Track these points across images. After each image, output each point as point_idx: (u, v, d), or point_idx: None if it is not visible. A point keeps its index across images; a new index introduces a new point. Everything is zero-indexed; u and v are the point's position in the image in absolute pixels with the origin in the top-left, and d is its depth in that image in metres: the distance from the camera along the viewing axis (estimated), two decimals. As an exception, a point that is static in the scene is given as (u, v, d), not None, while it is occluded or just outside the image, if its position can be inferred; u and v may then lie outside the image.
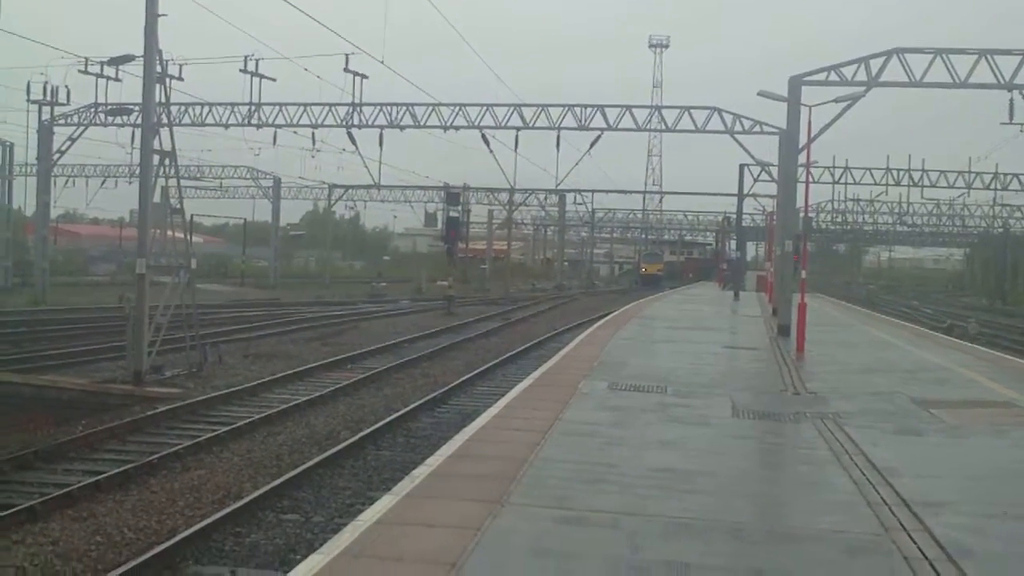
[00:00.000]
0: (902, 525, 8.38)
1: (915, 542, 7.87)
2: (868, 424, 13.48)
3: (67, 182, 70.99)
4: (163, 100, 23.87)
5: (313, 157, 67.24)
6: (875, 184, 67.87)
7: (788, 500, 9.72)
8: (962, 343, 30.11)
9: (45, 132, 47.71)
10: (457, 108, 45.54)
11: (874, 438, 12.35)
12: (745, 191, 54.79)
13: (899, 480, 9.97)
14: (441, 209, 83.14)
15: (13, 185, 56.06)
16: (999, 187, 68.39)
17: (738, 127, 41.88)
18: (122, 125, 46.65)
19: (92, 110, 45.97)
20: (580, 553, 7.41)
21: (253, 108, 44.69)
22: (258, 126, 46.24)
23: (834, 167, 65.73)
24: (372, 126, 45.94)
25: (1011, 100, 33.19)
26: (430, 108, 45.50)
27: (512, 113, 45.28)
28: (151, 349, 21.81)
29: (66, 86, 46.05)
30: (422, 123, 45.84)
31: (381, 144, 47.26)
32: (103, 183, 73.85)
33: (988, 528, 8.52)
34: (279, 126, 46.69)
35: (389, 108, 45.64)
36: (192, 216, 49.37)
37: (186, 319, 23.64)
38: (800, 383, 18.00)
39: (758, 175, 52.22)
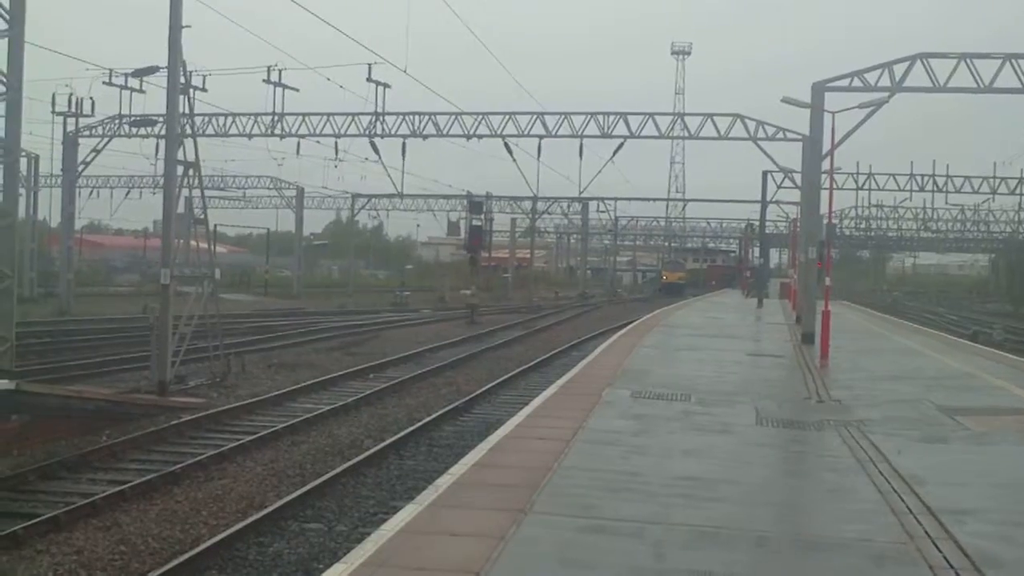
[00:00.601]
0: (927, 533, 8.32)
1: (941, 551, 7.82)
2: (893, 432, 13.40)
3: (91, 193, 71.48)
4: (187, 111, 23.99)
5: (336, 167, 67.25)
6: (899, 190, 67.47)
7: (812, 508, 9.67)
8: (987, 349, 29.90)
9: (70, 143, 48.00)
10: (480, 117, 45.54)
11: (899, 446, 12.28)
12: (768, 198, 54.60)
13: (924, 488, 9.91)
14: (464, 218, 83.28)
15: (38, 196, 56.68)
16: (1024, 192, 67.99)
17: (761, 133, 41.71)
18: (146, 136, 46.91)
19: (116, 121, 46.20)
20: (604, 562, 7.39)
21: (276, 118, 44.79)
22: (281, 136, 46.35)
23: (858, 173, 65.33)
24: (395, 135, 45.95)
25: (1036, 105, 33.02)
26: (453, 117, 45.53)
27: (535, 121, 45.25)
28: (175, 359, 21.89)
29: (90, 98, 46.33)
30: (445, 132, 45.86)
31: (404, 153, 47.36)
32: (127, 194, 74.33)
33: (1015, 536, 8.46)
34: (302, 136, 46.79)
35: (412, 117, 45.66)
36: (216, 226, 49.56)
37: (210, 329, 23.72)
38: (824, 391, 17.93)
39: (781, 182, 52.11)
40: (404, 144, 46.58)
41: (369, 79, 41.03)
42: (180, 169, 23.20)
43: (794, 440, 13.18)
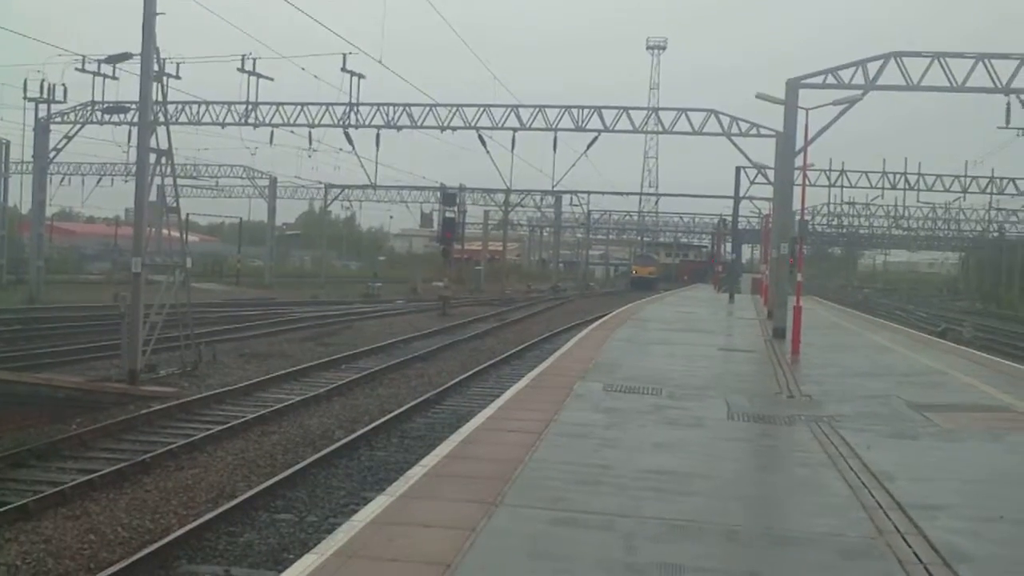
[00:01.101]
0: (897, 528, 8.37)
1: (910, 546, 7.86)
2: (863, 427, 13.47)
3: (63, 180, 70.91)
4: (160, 98, 23.82)
5: (310, 157, 67.17)
6: (871, 187, 67.97)
7: (783, 503, 9.70)
8: (957, 347, 30.12)
9: (41, 130, 47.65)
10: (454, 109, 45.48)
11: (869, 441, 12.34)
12: (741, 193, 54.94)
13: (894, 483, 9.96)
14: (437, 210, 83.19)
15: (9, 182, 56.10)
16: (995, 191, 68.59)
17: (735, 129, 41.84)
18: (119, 123, 46.56)
19: (89, 108, 45.88)
20: (574, 554, 7.39)
21: (250, 107, 44.60)
22: (255, 125, 46.13)
23: (830, 170, 65.77)
24: (369, 126, 45.84)
25: (1008, 104, 33.28)
26: (427, 108, 45.45)
27: (509, 114, 45.24)
28: (146, 348, 21.77)
29: (63, 84, 45.94)
30: (419, 123, 45.77)
31: (378, 144, 47.26)
32: (99, 181, 73.91)
33: (984, 532, 8.51)
34: (276, 125, 46.61)
35: (386, 108, 45.56)
36: (188, 215, 49.23)
37: (181, 318, 23.60)
38: (795, 386, 17.99)
39: (754, 177, 52.41)
40: (378, 135, 46.51)
41: (344, 69, 40.95)
42: (153, 157, 23.06)
43: (765, 435, 13.22)
